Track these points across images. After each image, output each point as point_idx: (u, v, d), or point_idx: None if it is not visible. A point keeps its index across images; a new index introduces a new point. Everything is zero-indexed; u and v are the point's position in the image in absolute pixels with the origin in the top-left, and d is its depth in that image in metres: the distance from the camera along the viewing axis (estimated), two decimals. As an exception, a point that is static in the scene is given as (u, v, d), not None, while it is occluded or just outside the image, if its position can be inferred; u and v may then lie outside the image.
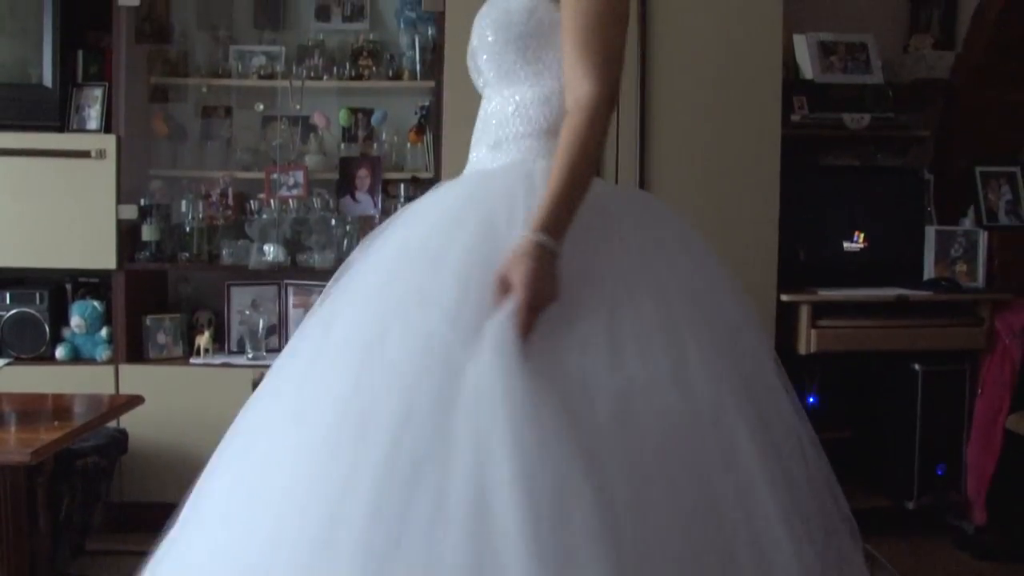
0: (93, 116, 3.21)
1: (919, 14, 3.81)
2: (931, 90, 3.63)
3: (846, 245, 3.40)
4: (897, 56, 3.72)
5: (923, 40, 3.69)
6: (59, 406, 2.57)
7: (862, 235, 3.41)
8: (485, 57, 1.65)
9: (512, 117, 1.61)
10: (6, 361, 3.12)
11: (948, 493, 3.28)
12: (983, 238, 3.41)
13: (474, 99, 2.30)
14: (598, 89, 1.44)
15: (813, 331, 3.12)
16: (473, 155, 1.68)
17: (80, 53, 3.24)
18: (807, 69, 3.47)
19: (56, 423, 2.31)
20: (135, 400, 2.60)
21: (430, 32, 3.32)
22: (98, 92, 3.22)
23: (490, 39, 1.62)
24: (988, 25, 3.44)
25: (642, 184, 3.03)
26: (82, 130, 3.19)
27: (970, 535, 3.23)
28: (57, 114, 3.17)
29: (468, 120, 3.16)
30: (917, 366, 3.24)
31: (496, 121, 1.63)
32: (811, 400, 3.51)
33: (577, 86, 1.46)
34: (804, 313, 3.13)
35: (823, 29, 3.54)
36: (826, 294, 3.17)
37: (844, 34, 3.55)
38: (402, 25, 3.45)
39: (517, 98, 1.61)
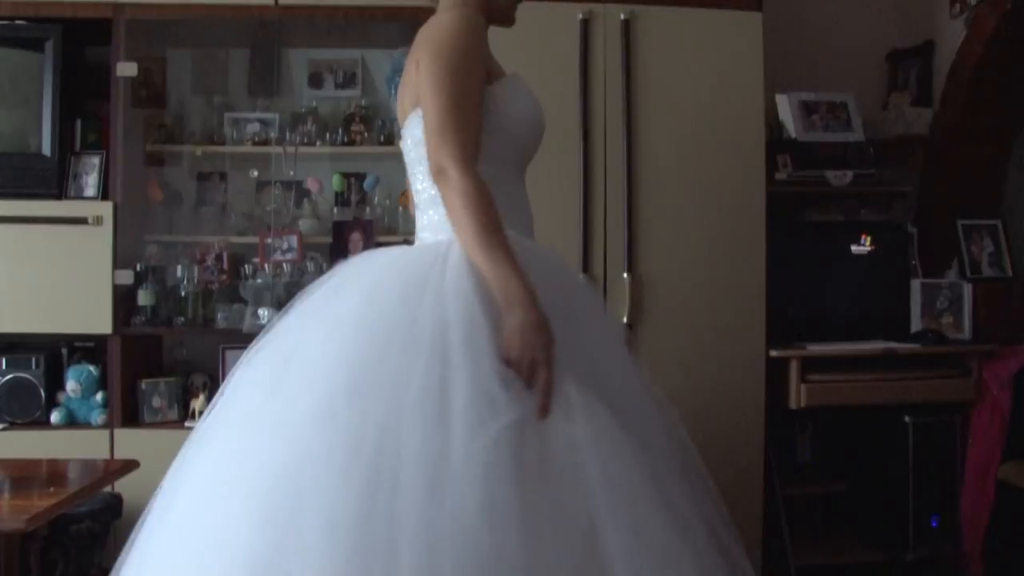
0: (91, 183, 3.24)
1: (897, 73, 3.91)
2: (911, 146, 3.72)
3: (833, 299, 3.44)
4: (877, 114, 3.80)
5: (902, 98, 3.78)
6: (54, 471, 2.56)
7: (849, 289, 3.46)
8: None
9: None
10: (1, 426, 3.15)
11: (944, 545, 3.28)
12: (967, 290, 3.46)
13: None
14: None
15: (803, 386, 3.15)
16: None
17: (79, 122, 3.29)
18: (791, 127, 3.55)
19: (52, 489, 2.30)
20: (131, 465, 2.59)
21: (421, 98, 3.39)
22: (96, 160, 3.26)
23: None
24: (962, 83, 3.54)
25: (630, 243, 3.08)
26: (80, 197, 3.22)
27: (967, 588, 3.23)
28: (55, 182, 3.20)
29: (458, 183, 3.20)
30: (908, 418, 3.27)
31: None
32: (804, 455, 3.53)
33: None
34: (793, 368, 3.16)
35: (804, 89, 3.62)
36: (815, 349, 3.20)
37: (825, 93, 3.63)
38: (393, 92, 3.48)
39: None
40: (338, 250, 3.35)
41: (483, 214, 1.52)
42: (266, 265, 3.31)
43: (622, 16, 3.06)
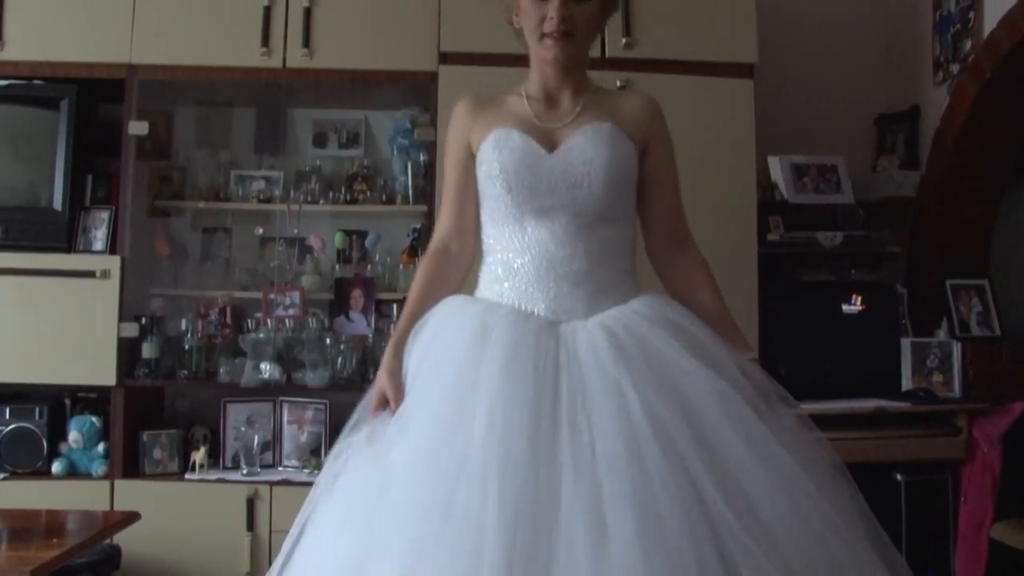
0: (99, 238, 3.29)
1: (885, 136, 4.01)
2: (900, 208, 3.79)
3: (825, 358, 3.49)
4: (866, 176, 3.89)
5: (890, 161, 3.87)
6: (53, 522, 2.58)
7: (840, 348, 3.51)
8: (607, 185, 1.81)
9: (622, 251, 1.86)
10: (2, 476, 3.17)
11: (937, 604, 3.29)
12: (957, 349, 3.50)
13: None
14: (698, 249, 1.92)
15: (795, 443, 3.18)
16: (558, 284, 1.79)
17: (89, 178, 3.35)
18: (783, 187, 3.64)
19: (54, 540, 2.32)
20: (132, 517, 2.62)
21: (422, 159, 3.46)
22: (105, 215, 3.31)
23: (613, 175, 1.82)
24: (947, 148, 3.64)
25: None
26: (88, 251, 3.27)
27: (961, 647, 3.22)
28: (65, 236, 3.25)
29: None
30: (900, 476, 3.29)
31: (617, 251, 1.85)
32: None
33: (691, 245, 1.94)
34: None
35: (795, 152, 3.72)
36: (807, 407, 3.19)
37: (816, 156, 3.73)
38: (395, 152, 3.58)
39: (623, 234, 1.87)
40: (339, 306, 3.40)
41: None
42: (269, 320, 3.36)
43: (618, 83, 3.16)
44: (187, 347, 3.37)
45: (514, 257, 1.82)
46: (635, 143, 1.87)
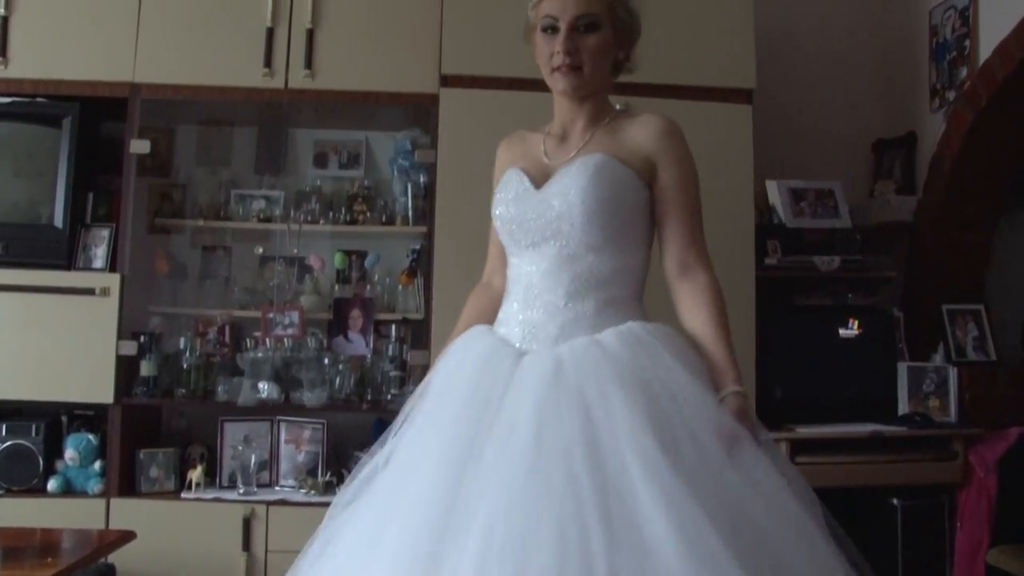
0: (99, 255, 3.29)
1: (882, 161, 4.04)
2: (897, 233, 3.83)
3: (822, 382, 3.50)
4: (863, 201, 3.92)
5: (887, 186, 3.89)
6: (48, 541, 2.57)
7: (837, 372, 3.52)
8: (587, 218, 1.81)
9: (612, 279, 1.84)
10: (-2, 493, 3.16)
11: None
12: (953, 374, 3.52)
13: (463, 244, 2.49)
14: (713, 276, 1.87)
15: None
16: (539, 312, 1.84)
17: (90, 195, 3.36)
18: (781, 211, 3.66)
19: (48, 559, 2.32)
20: (127, 536, 2.61)
21: (422, 180, 3.47)
22: (105, 232, 3.31)
23: (598, 204, 1.82)
24: (943, 173, 3.67)
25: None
26: (88, 268, 3.27)
27: (958, 673, 3.22)
28: (65, 253, 3.25)
29: (457, 264, 3.33)
30: (896, 501, 3.29)
31: (598, 281, 1.84)
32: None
33: (699, 269, 1.87)
34: (783, 450, 3.20)
35: (793, 177, 3.74)
36: (803, 431, 3.25)
37: (813, 181, 3.75)
38: (395, 173, 3.59)
39: (614, 262, 1.85)
40: (337, 326, 3.40)
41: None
42: (267, 339, 3.36)
43: (617, 106, 3.18)
44: (185, 365, 3.36)
45: (512, 287, 1.92)
46: (635, 169, 1.87)
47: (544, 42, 1.89)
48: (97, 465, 3.25)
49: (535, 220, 1.86)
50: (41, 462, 3.23)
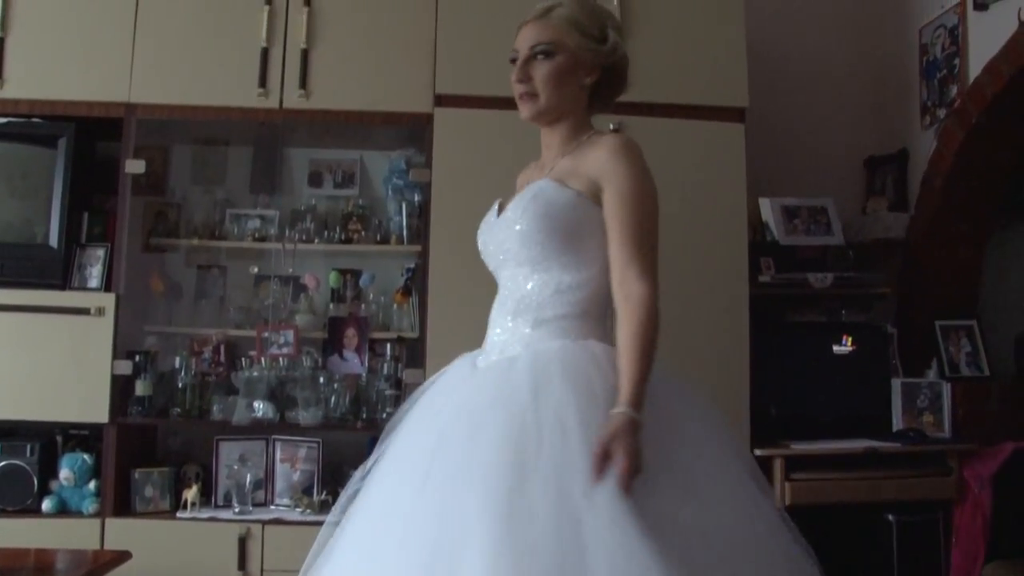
0: (94, 275, 3.29)
1: (874, 178, 4.07)
2: (889, 249, 3.84)
3: (816, 399, 3.51)
4: (856, 218, 3.94)
5: (879, 203, 3.92)
6: (43, 562, 2.56)
7: (831, 389, 3.53)
8: (522, 242, 1.90)
9: (552, 299, 1.88)
10: (-8, 515, 3.15)
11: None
12: (947, 389, 3.54)
13: (458, 262, 2.52)
14: (651, 289, 1.79)
15: (787, 484, 3.19)
16: (499, 330, 1.95)
17: (85, 215, 3.36)
18: (774, 228, 3.68)
19: (44, 581, 2.32)
20: (123, 556, 2.60)
21: (416, 199, 3.48)
22: (100, 252, 3.31)
23: (533, 227, 1.89)
24: (935, 190, 3.69)
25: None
26: (83, 288, 3.26)
27: None
28: (60, 273, 3.25)
29: (452, 283, 3.34)
30: (891, 517, 3.30)
31: (536, 301, 1.90)
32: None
33: (633, 284, 1.80)
34: (778, 467, 3.21)
35: (786, 194, 3.77)
36: (798, 448, 3.26)
37: (806, 198, 3.78)
38: (390, 192, 3.60)
39: (556, 282, 1.89)
40: (332, 345, 3.41)
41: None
42: (262, 358, 3.36)
43: (612, 125, 3.21)
44: (180, 384, 3.36)
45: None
46: (581, 189, 1.91)
47: (513, 71, 1.99)
48: (92, 485, 3.24)
49: (494, 247, 2.00)
50: (36, 482, 3.21)
